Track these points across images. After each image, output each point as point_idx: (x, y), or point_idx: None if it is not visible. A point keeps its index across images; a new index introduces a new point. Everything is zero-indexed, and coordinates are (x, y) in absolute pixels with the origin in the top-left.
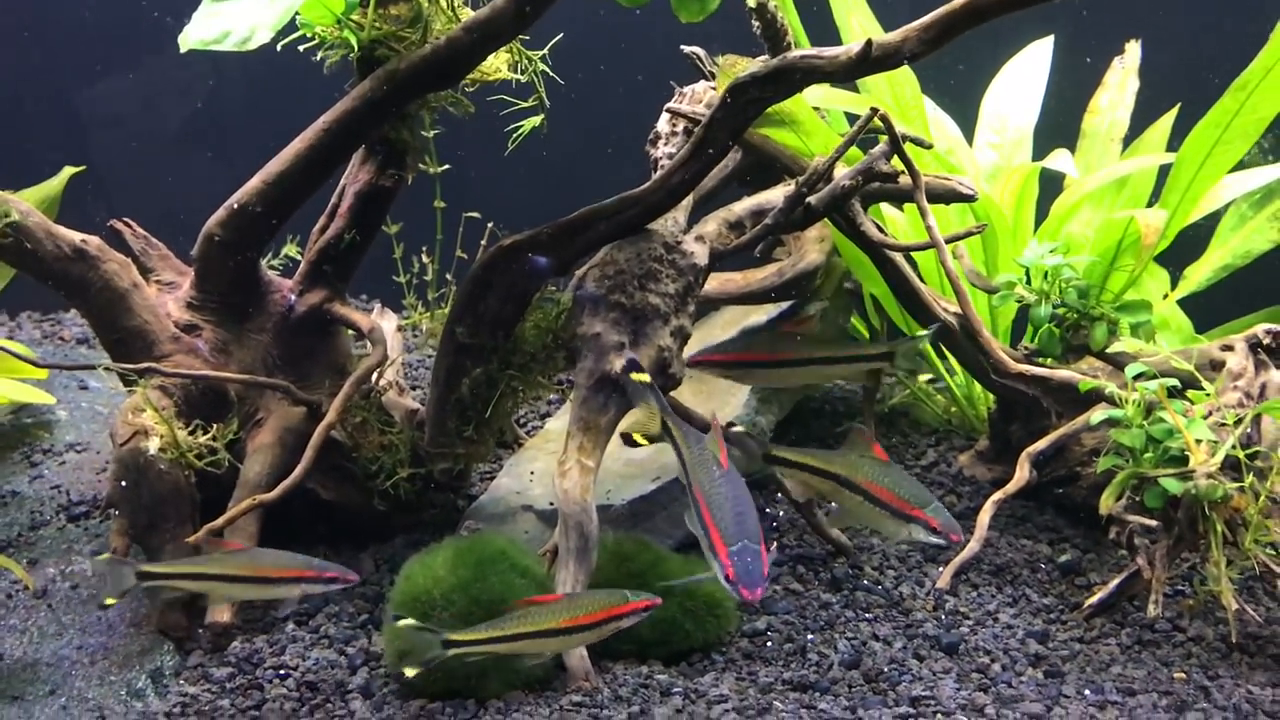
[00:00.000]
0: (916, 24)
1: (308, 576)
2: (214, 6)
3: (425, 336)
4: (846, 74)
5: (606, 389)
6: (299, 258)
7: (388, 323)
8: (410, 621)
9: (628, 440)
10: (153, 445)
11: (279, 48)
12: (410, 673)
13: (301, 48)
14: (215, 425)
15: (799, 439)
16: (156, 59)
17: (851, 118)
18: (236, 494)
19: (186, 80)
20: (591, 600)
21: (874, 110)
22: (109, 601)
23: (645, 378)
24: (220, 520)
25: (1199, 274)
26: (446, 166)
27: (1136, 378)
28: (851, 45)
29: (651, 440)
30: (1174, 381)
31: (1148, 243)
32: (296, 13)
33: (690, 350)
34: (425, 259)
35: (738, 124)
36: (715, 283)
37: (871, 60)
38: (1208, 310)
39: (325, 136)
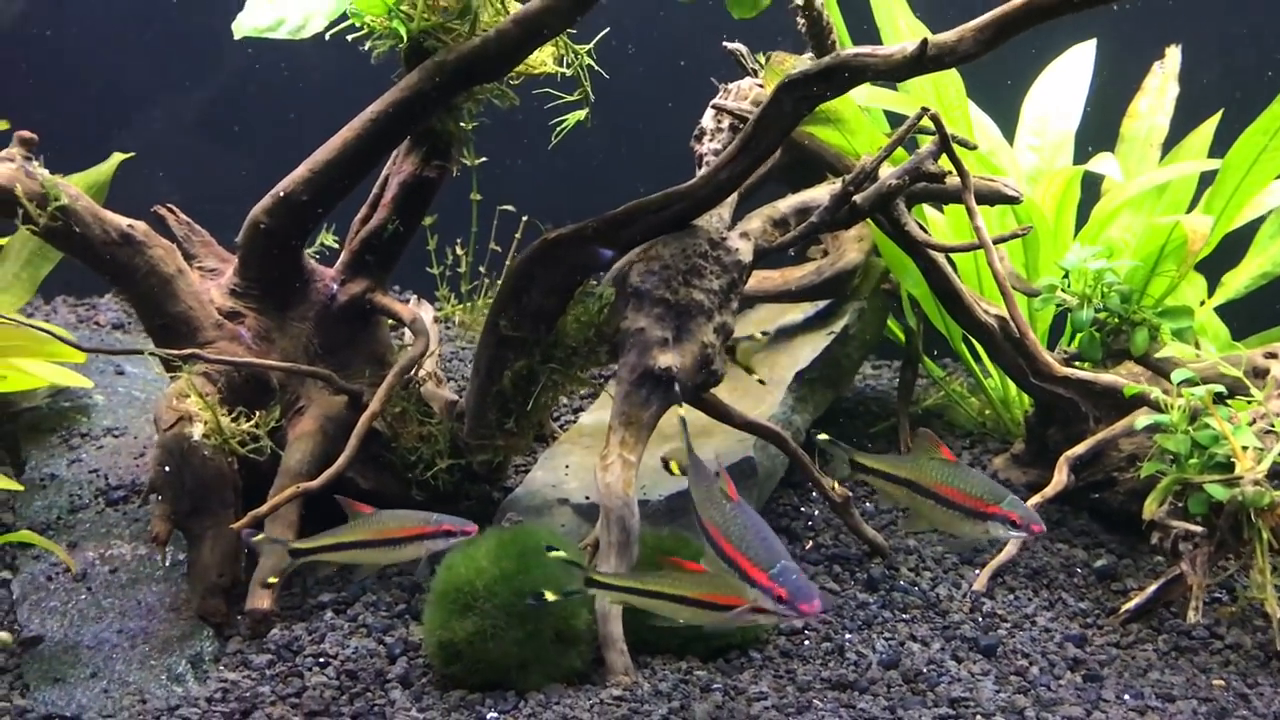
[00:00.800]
0: (972, 24)
1: (427, 533)
2: None
3: (459, 329)
4: (900, 73)
5: (649, 384)
6: (337, 246)
7: (425, 314)
8: (560, 554)
9: (666, 466)
10: (197, 431)
11: (328, 36)
12: (551, 597)
13: (350, 37)
14: (257, 412)
15: (836, 438)
16: (207, 45)
17: (894, 117)
18: (278, 481)
19: (235, 66)
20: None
21: (924, 110)
22: (272, 580)
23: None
24: (264, 508)
25: (1237, 281)
26: (484, 159)
27: (1182, 383)
28: (906, 44)
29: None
30: (1221, 388)
31: (1194, 249)
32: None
33: None
34: (459, 251)
35: (787, 122)
36: (754, 280)
37: (927, 60)
38: (1245, 318)
39: (373, 126)
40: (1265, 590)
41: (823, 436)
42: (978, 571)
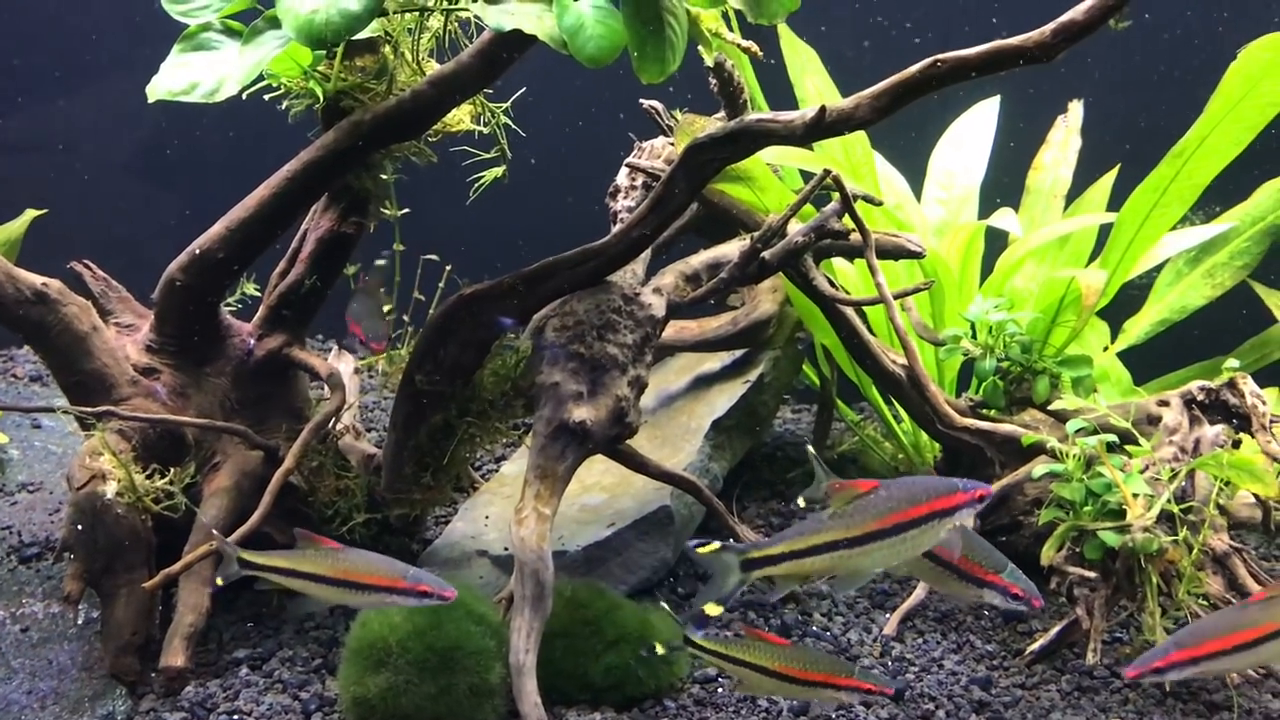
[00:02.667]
0: (869, 92)
1: (399, 588)
2: (182, 57)
3: (382, 378)
4: (801, 138)
5: (564, 437)
6: (258, 294)
7: (345, 365)
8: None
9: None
10: (110, 489)
11: (245, 96)
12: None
13: (267, 97)
14: (172, 469)
15: (750, 484)
16: (123, 100)
17: (806, 174)
18: (193, 538)
19: (151, 120)
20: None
21: (826, 171)
22: (218, 582)
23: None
24: (177, 565)
25: (1137, 328)
26: (406, 210)
27: (1077, 432)
28: (806, 111)
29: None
30: (1112, 437)
31: (1088, 303)
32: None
33: (649, 396)
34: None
35: (695, 182)
36: (671, 330)
37: (825, 125)
38: (1146, 363)
39: (289, 185)
40: (1155, 632)
41: (802, 503)
42: (888, 616)
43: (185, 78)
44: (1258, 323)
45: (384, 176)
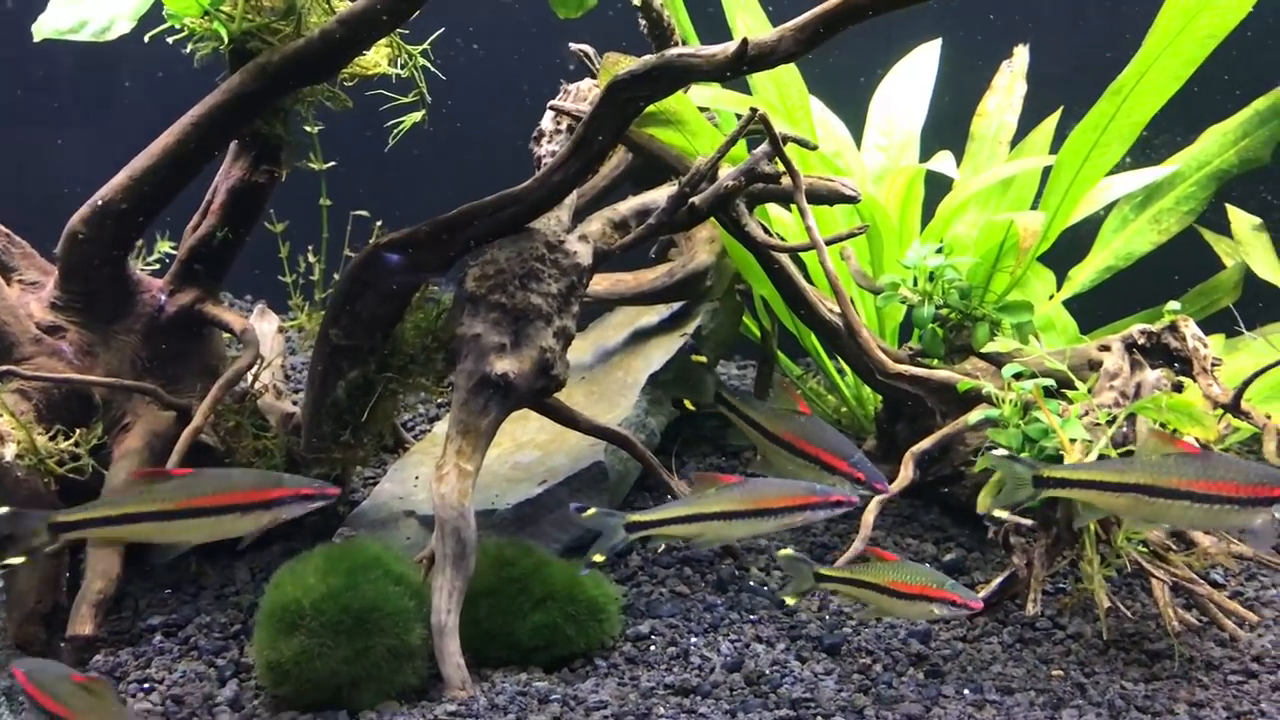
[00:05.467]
0: (791, 24)
1: (284, 497)
2: None
3: (309, 337)
4: (723, 73)
5: (486, 391)
6: (175, 253)
7: (268, 324)
8: (789, 552)
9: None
10: (8, 451)
11: (146, 39)
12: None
13: (170, 39)
14: (78, 430)
15: (691, 439)
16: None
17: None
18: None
19: (53, 65)
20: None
21: (754, 111)
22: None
23: None
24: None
25: (1083, 275)
26: (333, 163)
27: (1014, 377)
28: (728, 44)
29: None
30: (1049, 381)
31: (1025, 245)
32: (162, 3)
33: (586, 352)
34: (311, 258)
35: (617, 122)
36: (607, 283)
37: (748, 59)
38: (1093, 311)
39: (194, 131)
40: (1094, 581)
41: (785, 552)
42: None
43: (74, 15)
44: (1207, 269)
45: (307, 128)
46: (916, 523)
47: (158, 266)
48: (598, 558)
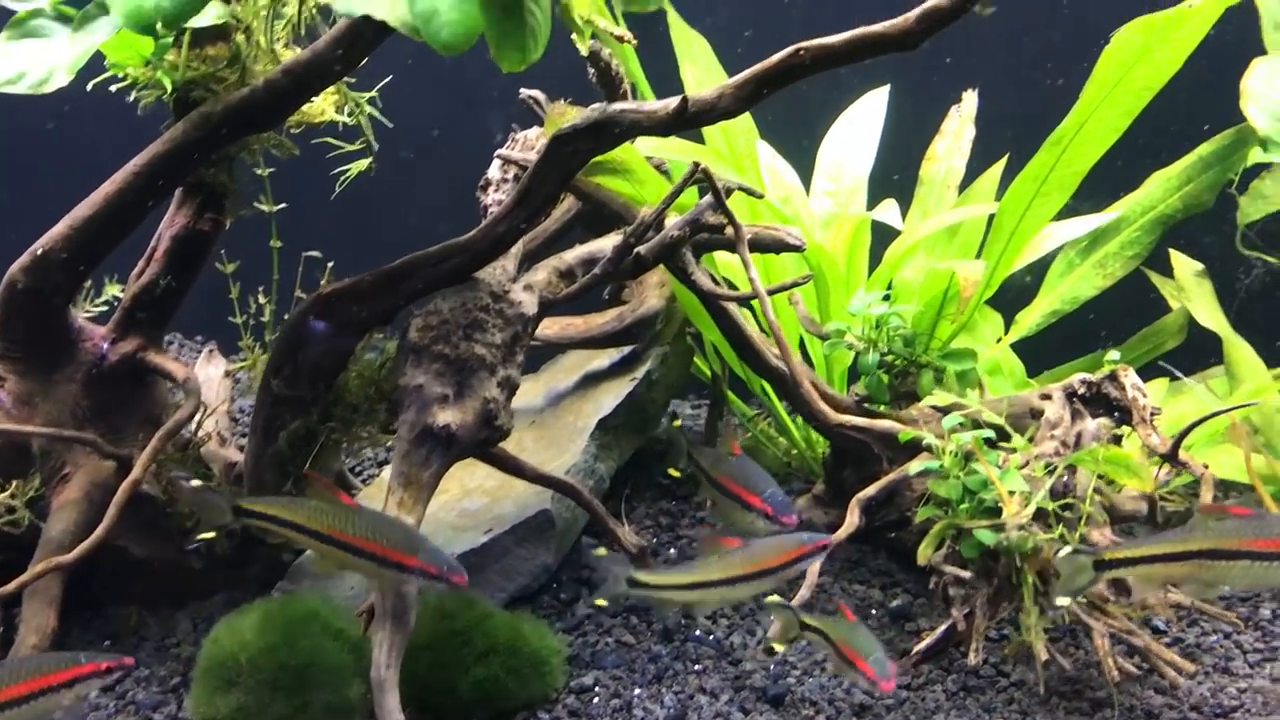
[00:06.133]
0: (731, 81)
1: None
2: (9, 45)
3: (259, 378)
4: (665, 128)
5: (429, 442)
6: (122, 297)
7: (215, 367)
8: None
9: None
10: None
11: (89, 88)
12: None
13: (114, 88)
14: (15, 482)
15: (640, 483)
16: None
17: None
18: (38, 554)
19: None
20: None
21: (696, 165)
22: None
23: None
24: (12, 584)
25: (1030, 319)
26: (283, 205)
27: (954, 429)
28: (669, 101)
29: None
30: (989, 433)
31: (966, 295)
32: (103, 54)
33: (538, 394)
34: (262, 299)
35: (561, 174)
36: (556, 327)
37: (689, 116)
38: (1041, 352)
39: (136, 180)
40: (1032, 633)
41: (772, 599)
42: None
43: (12, 67)
44: (1153, 310)
45: (259, 171)
46: (864, 568)
47: (105, 309)
48: (600, 602)
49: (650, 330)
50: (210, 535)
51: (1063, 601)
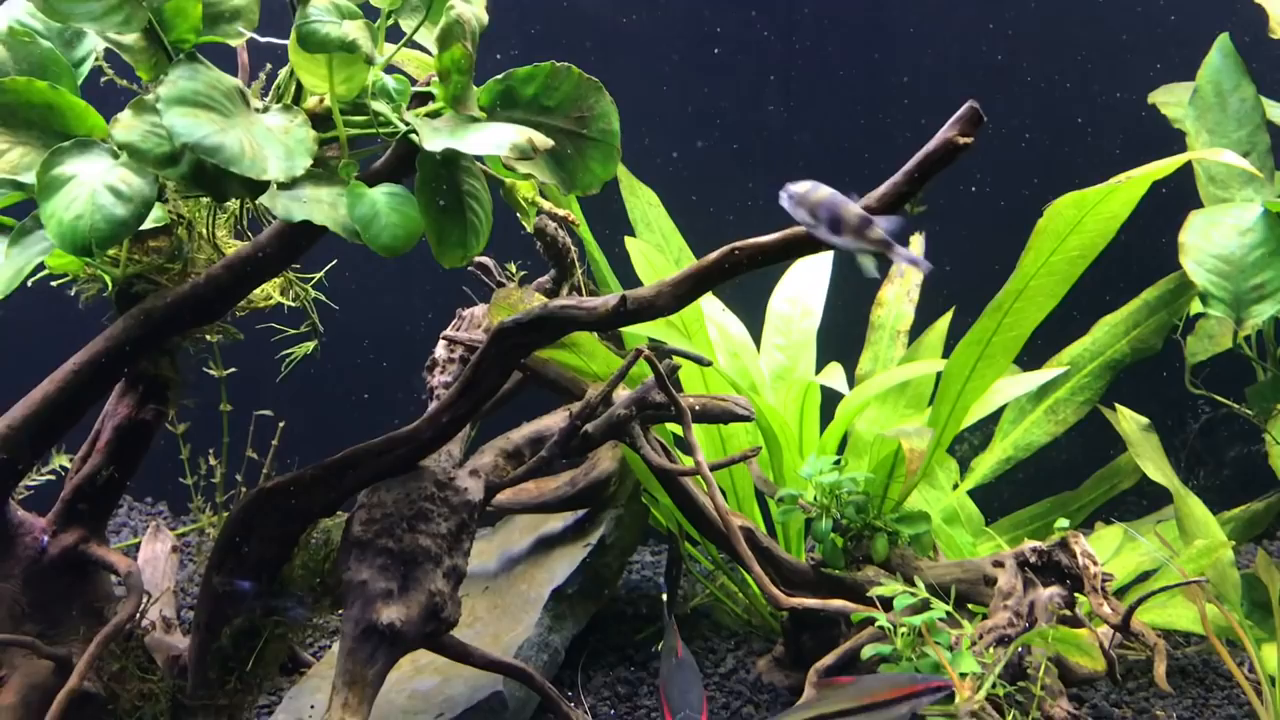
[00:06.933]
0: (669, 280)
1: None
2: None
3: (210, 541)
4: (604, 324)
5: (373, 639)
6: (69, 466)
7: (162, 544)
8: None
9: None
10: None
11: (29, 284)
12: None
13: (55, 283)
14: None
15: (598, 649)
16: None
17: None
18: None
19: None
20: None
21: (639, 351)
22: None
23: None
24: None
25: (984, 466)
26: (232, 370)
27: (904, 609)
28: (609, 298)
29: None
30: (940, 613)
31: (912, 469)
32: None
33: (491, 557)
34: (213, 461)
35: (505, 365)
36: (508, 493)
37: (627, 313)
38: (998, 497)
39: (75, 379)
40: None
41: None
42: None
43: None
44: (1110, 445)
45: (210, 337)
46: None
47: (51, 478)
48: None
49: (604, 493)
50: None
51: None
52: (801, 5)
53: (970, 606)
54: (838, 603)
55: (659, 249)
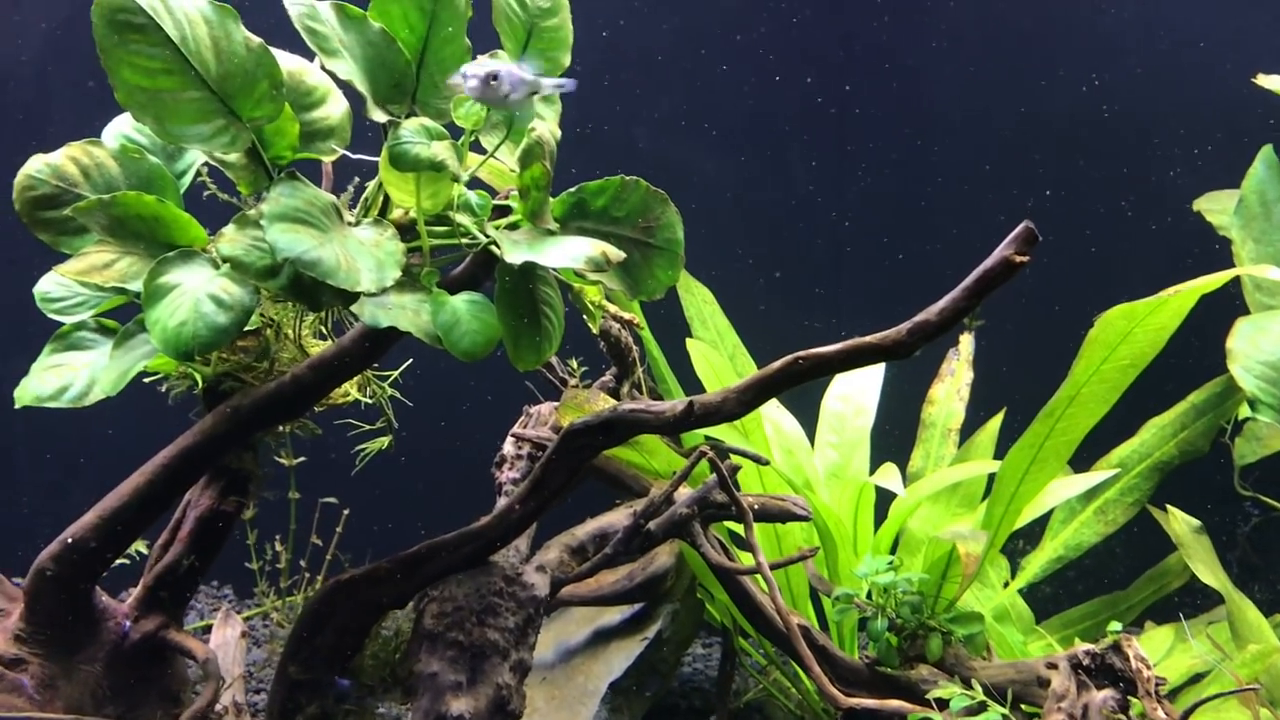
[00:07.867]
0: (735, 386)
1: None
2: (53, 358)
3: (276, 627)
4: (672, 429)
5: None
6: (144, 552)
7: (232, 629)
8: None
9: None
10: None
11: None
12: None
13: (146, 380)
14: None
15: None
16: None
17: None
18: None
19: None
20: None
21: (701, 451)
22: None
23: None
24: None
25: (1035, 565)
26: (302, 459)
27: (960, 711)
28: (677, 403)
29: None
30: (997, 715)
31: (968, 572)
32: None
33: (548, 647)
34: (279, 547)
35: (573, 464)
36: (567, 586)
37: (695, 418)
38: (1049, 596)
39: (164, 472)
40: None
41: None
42: None
43: (55, 382)
44: (1157, 546)
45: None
46: None
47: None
48: None
49: (661, 587)
50: None
51: None
52: (852, 106)
53: (1024, 707)
54: (895, 703)
55: (714, 345)
